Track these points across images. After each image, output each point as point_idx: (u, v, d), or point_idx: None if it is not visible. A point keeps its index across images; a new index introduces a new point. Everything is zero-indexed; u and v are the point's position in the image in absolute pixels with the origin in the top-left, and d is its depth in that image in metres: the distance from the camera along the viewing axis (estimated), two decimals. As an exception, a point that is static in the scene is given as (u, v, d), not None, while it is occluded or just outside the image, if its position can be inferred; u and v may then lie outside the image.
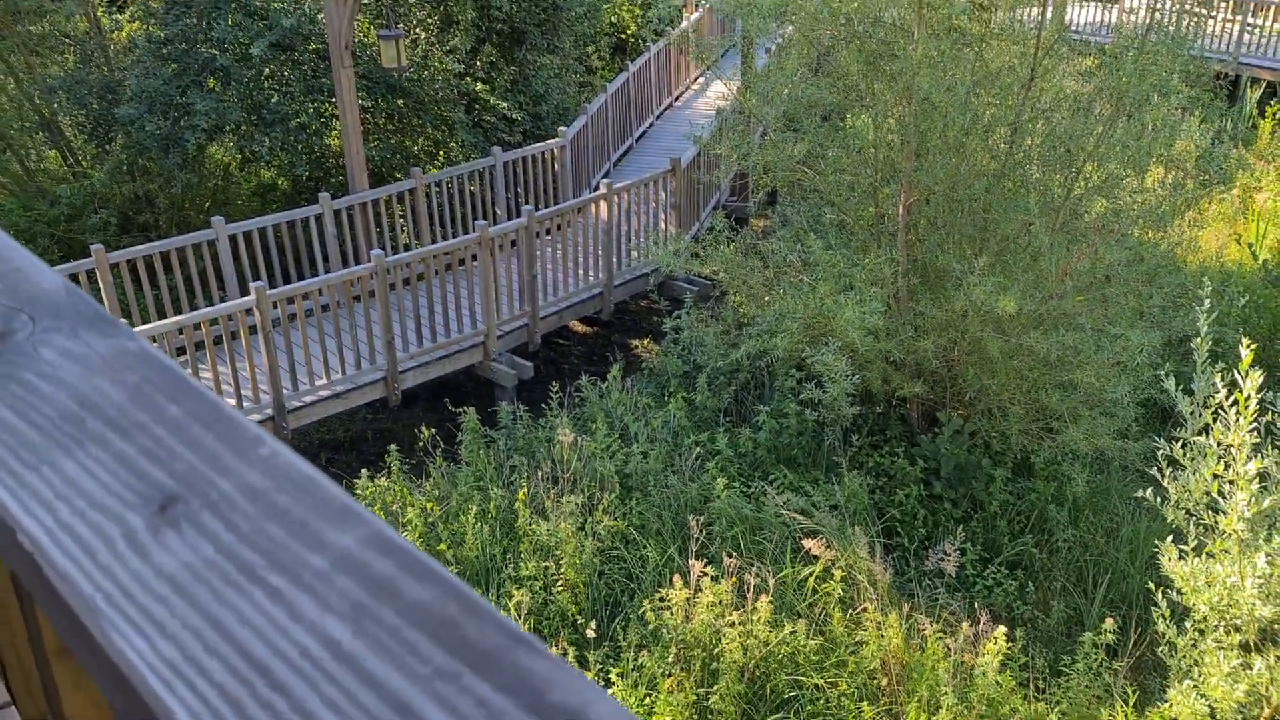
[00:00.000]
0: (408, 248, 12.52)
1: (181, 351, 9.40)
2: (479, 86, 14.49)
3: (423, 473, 8.94)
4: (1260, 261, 12.00)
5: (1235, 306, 8.22)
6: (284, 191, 14.16)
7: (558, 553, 7.38)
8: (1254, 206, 13.43)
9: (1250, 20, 18.50)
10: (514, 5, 13.24)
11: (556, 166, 13.55)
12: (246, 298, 9.43)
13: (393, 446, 8.56)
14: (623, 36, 20.85)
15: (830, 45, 9.57)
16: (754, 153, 9.73)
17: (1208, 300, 5.33)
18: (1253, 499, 5.03)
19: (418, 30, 14.11)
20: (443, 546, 7.68)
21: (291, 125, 12.53)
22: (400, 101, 13.66)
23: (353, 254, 11.84)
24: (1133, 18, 8.87)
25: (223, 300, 10.59)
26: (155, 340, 8.71)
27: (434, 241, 12.26)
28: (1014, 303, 7.46)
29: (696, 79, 18.45)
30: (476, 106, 14.41)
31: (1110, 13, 19.27)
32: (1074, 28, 15.53)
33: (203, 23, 12.39)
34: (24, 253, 0.88)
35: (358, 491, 8.06)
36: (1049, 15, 8.68)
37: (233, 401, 9.32)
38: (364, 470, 8.32)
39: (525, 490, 7.95)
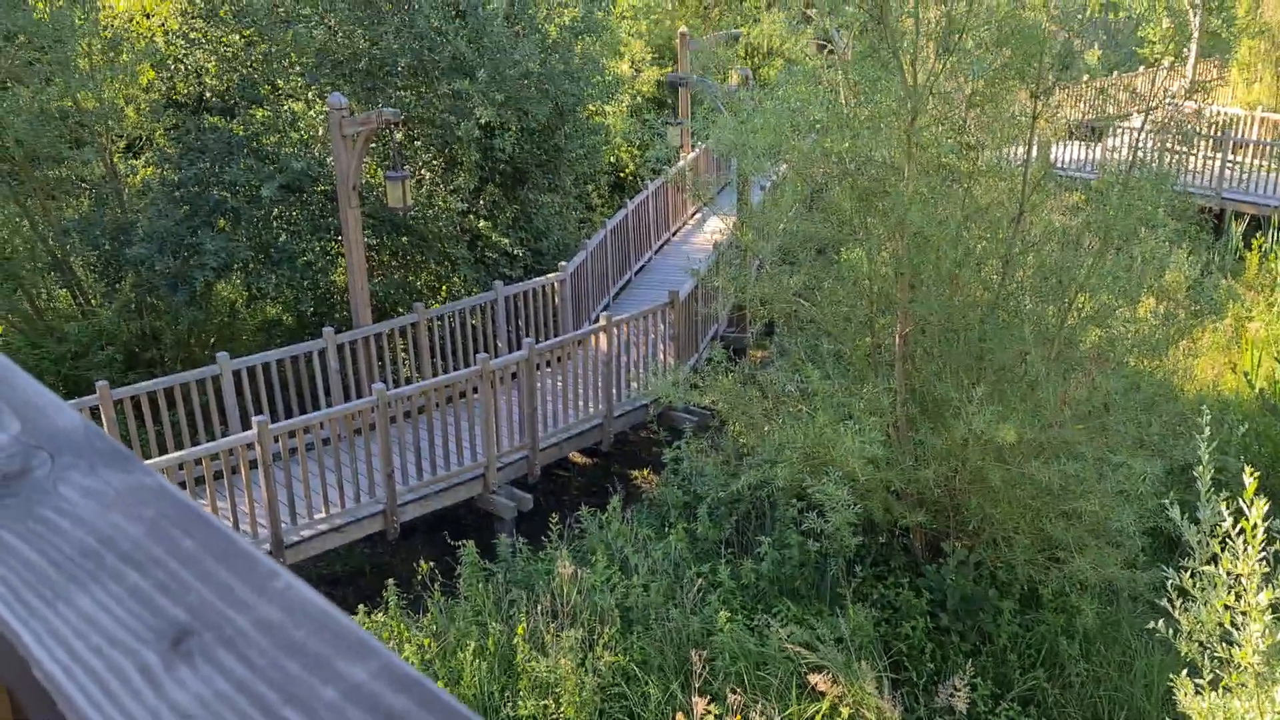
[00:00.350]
0: (409, 381, 12.61)
1: (182, 486, 9.36)
2: (482, 224, 14.85)
3: (420, 607, 8.78)
4: (1257, 390, 12.06)
5: (1235, 435, 8.23)
6: (288, 327, 14.35)
7: (557, 690, 7.19)
8: (1247, 336, 13.59)
9: (1230, 157, 19.09)
10: (516, 147, 13.68)
11: (557, 300, 13.77)
12: (248, 432, 9.44)
13: (390, 581, 8.44)
14: (622, 175, 21.47)
15: (824, 182, 9.84)
16: (751, 285, 9.91)
17: (1207, 429, 5.35)
18: (1267, 630, 4.93)
19: (423, 171, 14.55)
20: (440, 685, 7.49)
21: (298, 263, 12.80)
22: (405, 239, 13.98)
23: (355, 387, 11.92)
24: (1116, 155, 9.14)
25: (225, 434, 10.61)
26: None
27: (435, 374, 12.36)
28: (1014, 431, 7.47)
29: (694, 215, 18.91)
30: (479, 243, 14.74)
31: (1094, 150, 19.89)
32: (1059, 165, 16.01)
33: (215, 166, 12.80)
34: (43, 390, 0.91)
35: (354, 628, 7.89)
36: (1035, 153, 8.96)
37: (230, 536, 9.22)
38: (360, 606, 8.18)
39: (524, 625, 7.80)
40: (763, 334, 14.59)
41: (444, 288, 14.71)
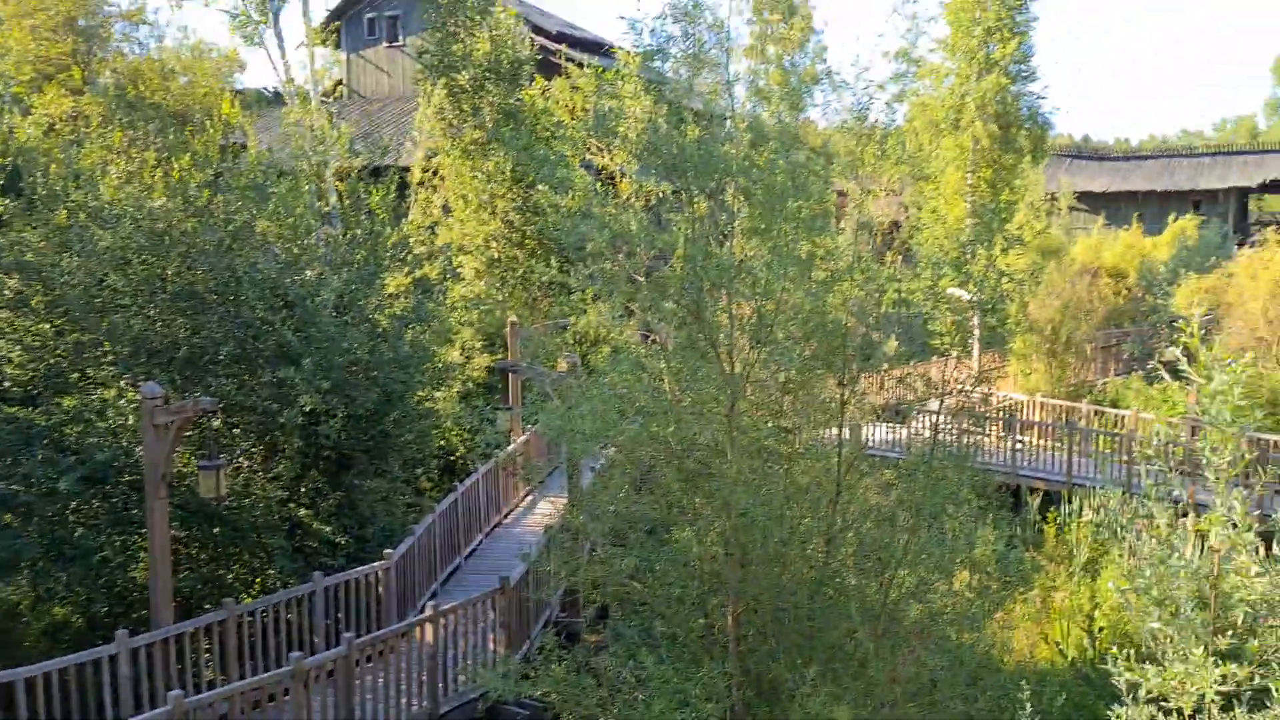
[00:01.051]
0: (213, 685, 11.54)
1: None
2: (303, 512, 14.29)
3: None
4: (1069, 659, 12.49)
5: (1054, 705, 8.41)
6: (78, 630, 13.06)
7: None
8: (1054, 606, 14.22)
9: (1019, 437, 20.75)
10: (342, 434, 13.48)
11: (381, 589, 13.16)
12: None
13: None
14: (453, 458, 21.35)
15: (651, 464, 10.05)
16: (583, 569, 9.78)
17: (1028, 705, 5.45)
18: None
19: (241, 459, 14.06)
20: None
21: (94, 560, 11.87)
22: (217, 529, 13.26)
23: (149, 697, 10.79)
24: (920, 436, 9.80)
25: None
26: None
27: (243, 677, 11.37)
28: (848, 713, 7.40)
29: (525, 497, 18.83)
30: (299, 531, 14.11)
31: (901, 432, 21.25)
32: (871, 445, 16.95)
33: (8, 459, 12.00)
34: None
35: None
36: (847, 435, 9.49)
37: None
38: None
39: None
40: (596, 618, 14.27)
41: (258, 581, 13.86)
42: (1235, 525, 5.07)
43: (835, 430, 9.38)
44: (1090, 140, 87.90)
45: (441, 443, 20.54)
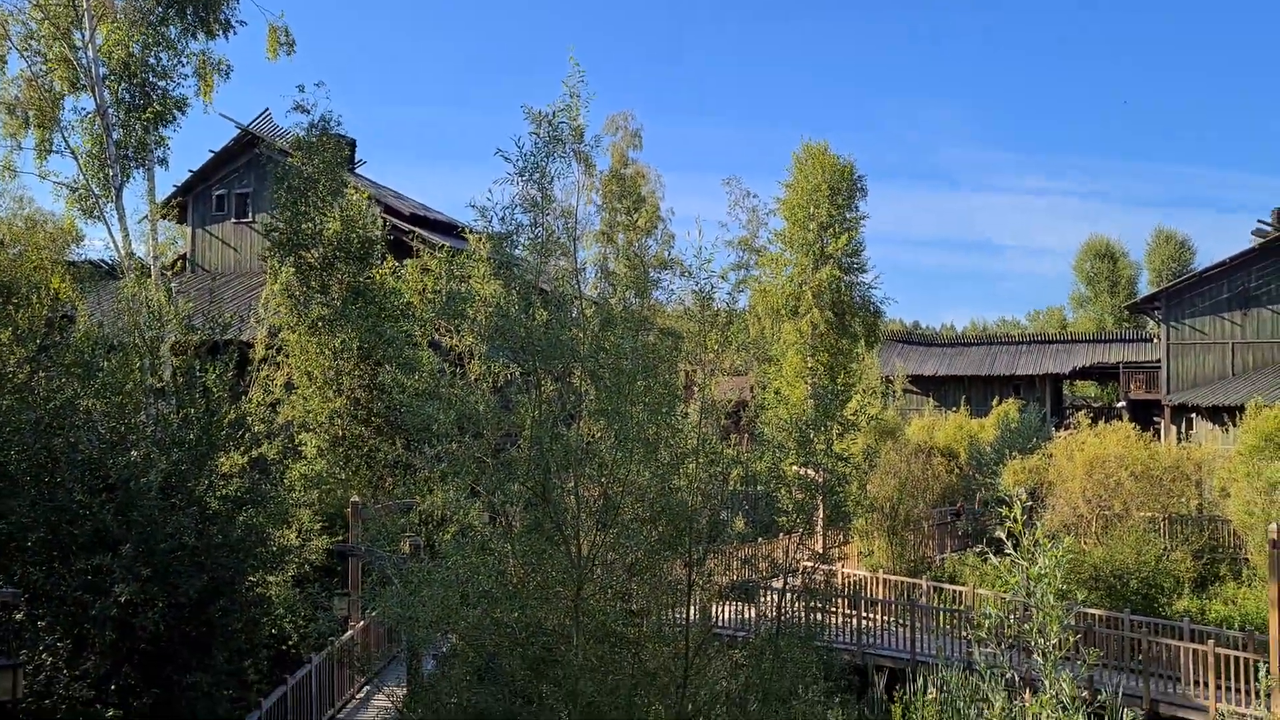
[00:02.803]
0: None
1: None
2: (111, 713, 13.04)
3: None
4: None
5: None
6: None
7: None
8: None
9: (864, 614, 21.04)
10: (162, 624, 12.53)
11: (196, 801, 12.00)
12: None
13: None
14: (285, 647, 20.06)
15: (496, 651, 9.71)
16: (420, 770, 9.21)
17: None
18: None
19: (44, 655, 12.84)
20: None
21: None
22: (10, 737, 11.93)
23: None
24: (766, 615, 9.81)
25: None
26: None
27: None
28: None
29: (362, 689, 17.75)
30: (106, 736, 12.83)
31: (749, 610, 21.27)
32: (720, 624, 16.85)
33: None
34: None
35: None
36: (695, 616, 9.43)
37: None
38: None
39: None
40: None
41: (54, 795, 12.44)
42: (1065, 706, 5.22)
43: (683, 611, 9.32)
44: (920, 326, 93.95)
45: (273, 631, 19.32)
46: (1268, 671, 16.31)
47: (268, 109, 33.20)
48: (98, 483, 12.67)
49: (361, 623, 18.48)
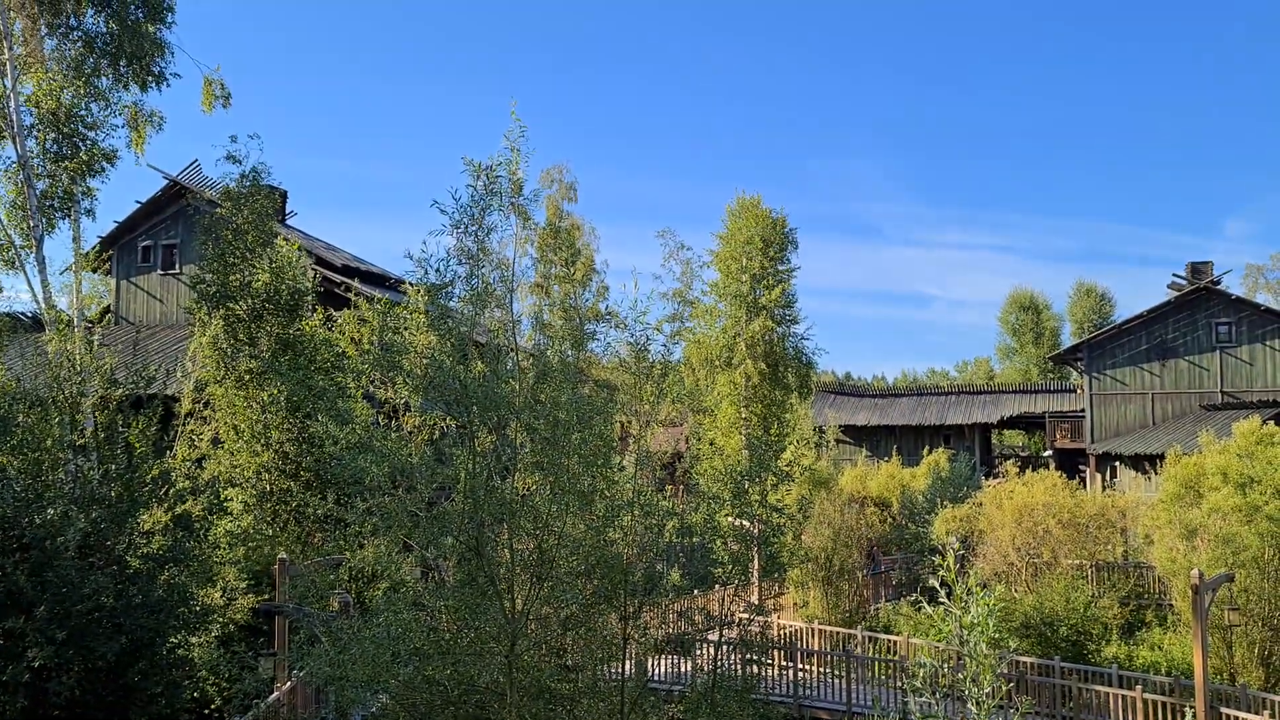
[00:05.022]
0: None
1: None
2: (21, 785, 12.45)
3: None
4: None
5: None
6: None
7: None
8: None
9: (801, 666, 21.02)
10: (77, 690, 12.02)
11: None
12: None
13: None
14: (207, 711, 19.36)
15: (428, 711, 9.50)
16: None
17: None
18: None
19: (-50, 724, 12.24)
20: None
21: None
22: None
23: None
24: (703, 669, 9.74)
25: None
26: None
27: None
28: None
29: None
30: (14, 810, 12.23)
31: (684, 664, 21.12)
32: (656, 677, 16.69)
33: None
34: None
35: None
36: (630, 671, 9.33)
37: None
38: None
39: None
40: None
41: None
42: (997, 751, 5.24)
43: (619, 666, 9.23)
44: (852, 377, 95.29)
45: (195, 695, 18.66)
46: (1193, 716, 16.62)
47: (196, 160, 32.81)
48: (11, 542, 12.19)
49: (289, 683, 17.93)
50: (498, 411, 10.01)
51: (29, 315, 28.10)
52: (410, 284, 20.87)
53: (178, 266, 32.11)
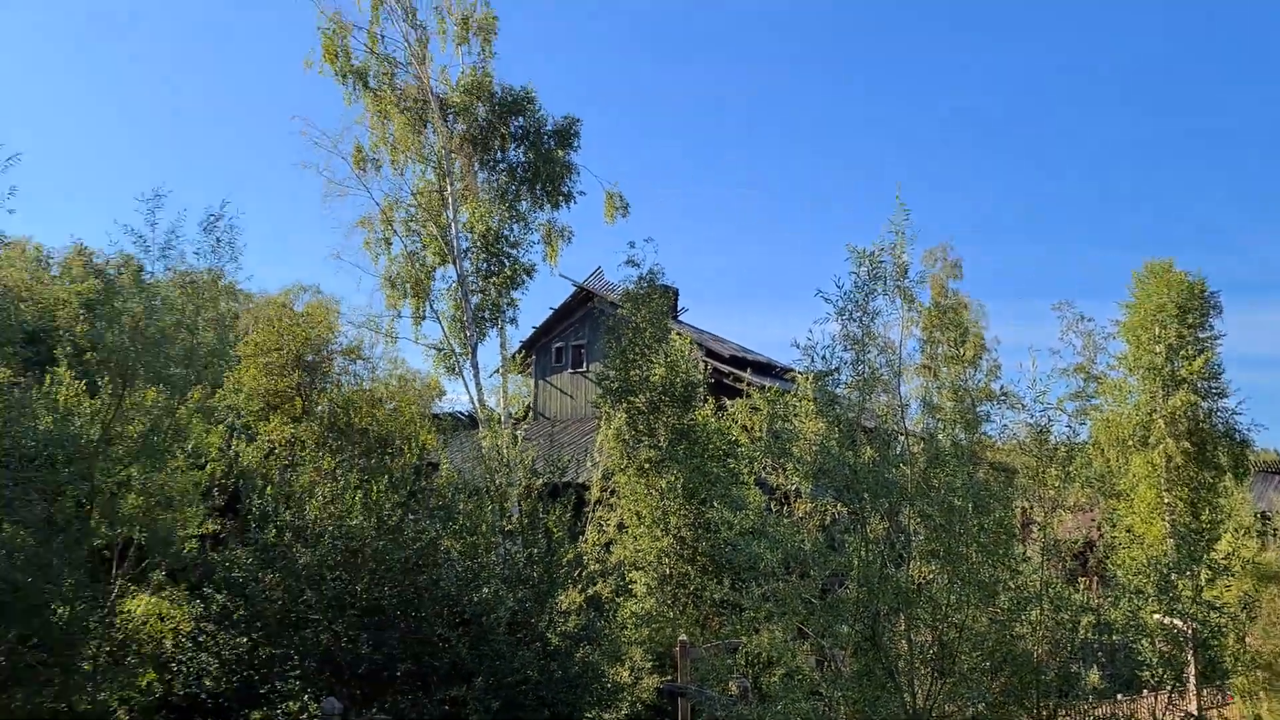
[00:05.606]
0: None
1: None
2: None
3: None
4: None
5: None
6: None
7: None
8: None
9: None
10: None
11: None
12: None
13: None
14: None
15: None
16: None
17: None
18: None
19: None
20: None
21: None
22: None
23: None
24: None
25: None
26: None
27: None
28: None
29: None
30: None
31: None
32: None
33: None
34: None
35: None
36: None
37: None
38: None
39: None
40: None
41: None
42: None
43: None
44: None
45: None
46: None
47: (599, 267, 35.88)
48: (454, 617, 13.71)
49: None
50: (889, 497, 9.84)
51: (465, 415, 31.89)
52: (798, 372, 21.23)
53: (585, 365, 35.05)
